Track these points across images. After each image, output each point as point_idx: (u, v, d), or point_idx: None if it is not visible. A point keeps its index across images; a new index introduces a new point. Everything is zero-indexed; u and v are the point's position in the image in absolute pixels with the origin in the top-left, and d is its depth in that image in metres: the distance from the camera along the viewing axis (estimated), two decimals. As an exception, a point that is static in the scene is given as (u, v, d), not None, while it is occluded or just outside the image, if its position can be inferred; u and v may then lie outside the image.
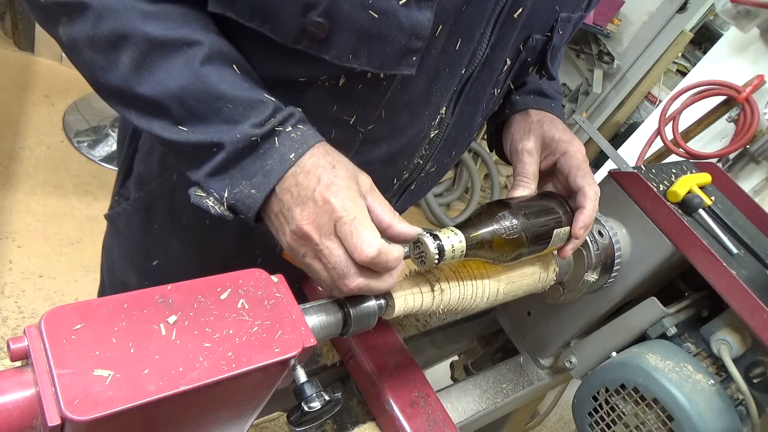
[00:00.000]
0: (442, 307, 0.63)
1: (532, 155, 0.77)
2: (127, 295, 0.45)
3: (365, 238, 0.52)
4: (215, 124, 0.54)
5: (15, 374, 0.41)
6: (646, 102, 3.61)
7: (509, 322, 1.03)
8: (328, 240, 0.54)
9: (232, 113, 0.54)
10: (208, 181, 0.57)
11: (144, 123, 0.56)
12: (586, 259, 0.78)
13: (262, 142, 0.55)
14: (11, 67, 2.69)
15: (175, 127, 0.55)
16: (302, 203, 0.54)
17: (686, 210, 0.83)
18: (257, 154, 0.55)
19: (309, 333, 0.51)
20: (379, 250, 0.52)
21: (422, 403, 0.76)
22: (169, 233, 0.81)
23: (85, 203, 2.32)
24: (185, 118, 0.55)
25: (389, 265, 0.54)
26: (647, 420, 0.72)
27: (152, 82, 0.53)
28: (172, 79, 0.53)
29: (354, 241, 0.52)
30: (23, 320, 1.87)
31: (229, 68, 0.56)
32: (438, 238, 0.57)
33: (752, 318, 0.72)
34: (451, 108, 0.71)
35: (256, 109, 0.55)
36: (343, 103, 0.63)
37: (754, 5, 1.41)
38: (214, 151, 0.55)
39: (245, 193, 0.55)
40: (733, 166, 1.49)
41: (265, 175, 0.55)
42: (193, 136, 0.55)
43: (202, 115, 0.54)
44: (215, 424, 0.52)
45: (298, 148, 0.55)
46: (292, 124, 0.57)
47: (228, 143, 0.54)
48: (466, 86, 0.69)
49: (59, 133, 2.54)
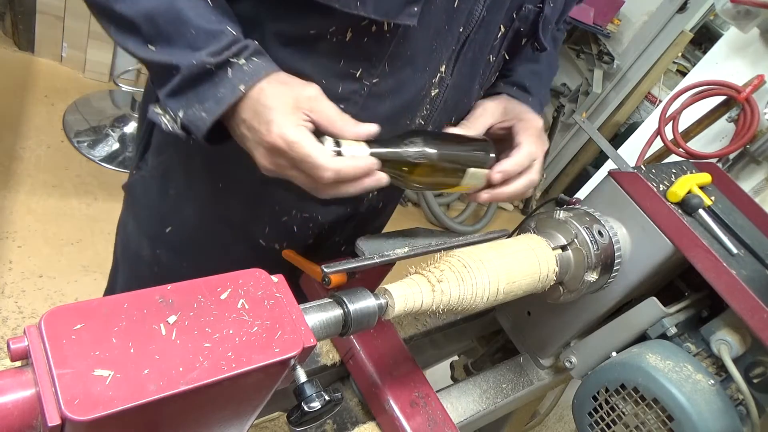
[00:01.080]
0: (442, 307, 0.63)
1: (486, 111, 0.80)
2: (127, 295, 0.45)
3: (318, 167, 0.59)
4: (179, 48, 0.60)
5: (15, 374, 0.41)
6: (646, 102, 3.61)
7: (509, 322, 1.03)
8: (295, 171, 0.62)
9: (194, 40, 0.60)
10: (167, 100, 0.63)
11: (120, 39, 0.63)
12: (586, 259, 0.78)
13: (216, 71, 0.61)
14: (11, 67, 2.69)
15: (145, 45, 0.61)
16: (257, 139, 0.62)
17: (686, 210, 0.83)
18: (212, 81, 0.61)
19: (309, 333, 0.51)
20: (335, 171, 0.59)
21: (422, 403, 0.76)
22: (183, 198, 0.86)
23: (85, 203, 2.32)
24: (154, 38, 0.61)
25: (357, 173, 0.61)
26: (647, 420, 0.72)
27: (128, 1, 0.59)
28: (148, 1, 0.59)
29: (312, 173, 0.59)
30: (23, 320, 1.87)
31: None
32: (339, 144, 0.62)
33: (752, 318, 0.72)
34: (450, 68, 0.75)
35: (215, 39, 0.61)
36: (349, 57, 0.68)
37: (754, 5, 1.41)
38: (173, 73, 0.61)
39: (197, 115, 0.62)
40: (733, 166, 1.49)
41: (217, 102, 0.61)
42: (157, 56, 0.61)
43: (168, 37, 0.60)
44: (215, 424, 0.52)
45: (248, 80, 0.61)
46: (246, 56, 0.62)
47: (184, 67, 0.60)
48: (464, 47, 0.74)
49: (59, 133, 2.54)
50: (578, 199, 1.02)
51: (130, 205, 0.96)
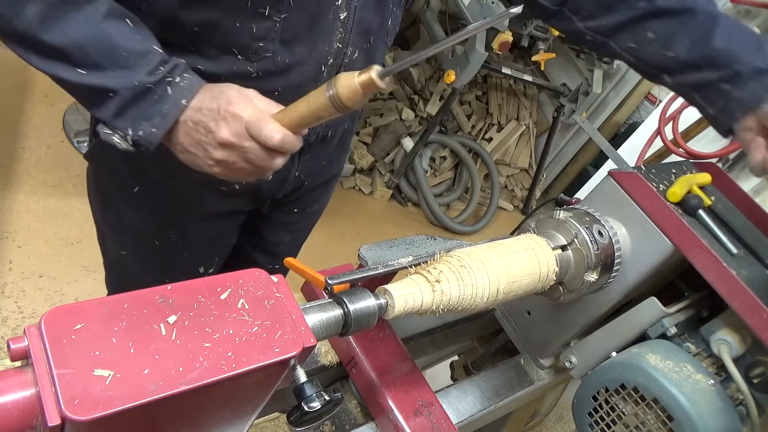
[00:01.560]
0: (442, 306, 0.63)
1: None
2: (127, 295, 0.45)
3: (270, 128, 0.68)
4: (112, 70, 0.66)
5: (15, 374, 0.41)
6: (646, 102, 3.61)
7: (509, 322, 1.03)
8: (247, 141, 0.70)
9: (126, 62, 0.66)
10: (114, 121, 0.69)
11: (45, 65, 0.67)
12: (586, 259, 0.78)
13: (155, 88, 0.68)
14: (11, 67, 2.69)
15: (75, 70, 0.66)
16: (215, 125, 0.69)
17: (686, 210, 0.83)
18: (152, 99, 0.68)
19: (309, 333, 0.51)
20: (283, 133, 0.69)
21: (426, 411, 0.76)
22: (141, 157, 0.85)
23: (85, 203, 2.30)
24: (85, 64, 0.66)
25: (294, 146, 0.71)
26: (647, 420, 0.72)
27: (56, 31, 0.64)
28: (77, 30, 0.64)
29: (264, 133, 0.68)
30: (23, 320, 1.87)
31: (124, 23, 0.68)
32: None
33: (752, 318, 0.72)
34: None
35: (146, 58, 0.68)
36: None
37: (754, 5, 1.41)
38: (110, 96, 0.67)
39: (147, 131, 0.69)
40: (733, 166, 1.49)
41: (163, 117, 0.69)
42: (91, 79, 0.66)
43: (100, 62, 0.66)
44: (215, 424, 0.52)
45: (187, 94, 0.70)
46: (179, 74, 0.70)
47: (123, 89, 0.67)
48: None
49: (59, 133, 2.54)
50: (578, 199, 1.02)
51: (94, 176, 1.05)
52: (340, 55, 0.85)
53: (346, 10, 0.80)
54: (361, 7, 0.81)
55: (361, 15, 0.82)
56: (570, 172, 3.92)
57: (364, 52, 0.88)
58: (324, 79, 0.85)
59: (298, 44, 0.80)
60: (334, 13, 0.79)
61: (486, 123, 3.61)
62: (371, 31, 0.86)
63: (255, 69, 0.80)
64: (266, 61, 0.79)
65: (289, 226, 1.24)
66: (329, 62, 0.85)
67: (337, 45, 0.83)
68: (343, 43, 0.83)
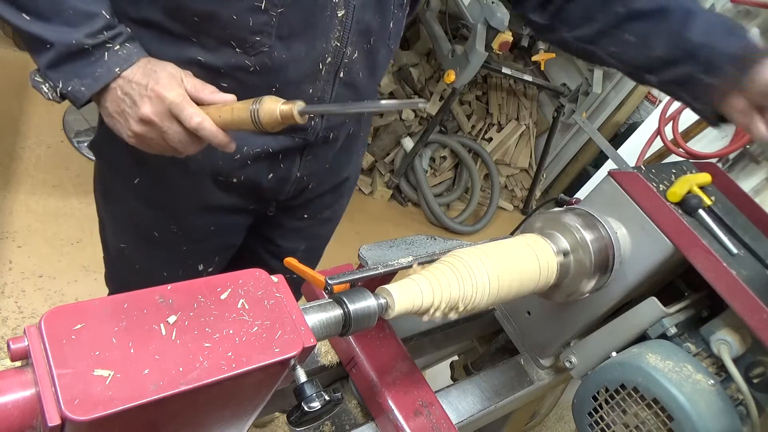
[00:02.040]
0: (442, 306, 0.63)
1: None
2: (127, 295, 0.45)
3: (191, 111, 0.71)
4: (55, 24, 0.69)
5: (15, 374, 0.41)
6: (646, 102, 3.61)
7: (509, 322, 1.03)
8: (169, 121, 0.72)
9: (70, 18, 0.69)
10: (47, 71, 0.72)
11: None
12: (586, 259, 0.78)
13: (93, 51, 0.71)
14: (11, 67, 2.69)
15: (21, 15, 0.68)
16: (140, 100, 0.72)
17: (686, 210, 0.83)
18: (89, 60, 0.71)
19: (309, 333, 0.51)
20: (202, 117, 0.71)
21: (426, 411, 0.76)
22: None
23: (85, 203, 2.32)
24: (31, 11, 0.68)
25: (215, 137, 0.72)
26: (647, 420, 0.72)
27: None
28: None
29: (185, 114, 0.71)
30: (23, 320, 1.87)
31: None
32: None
33: (752, 318, 0.72)
34: None
35: (91, 20, 0.70)
36: None
37: (754, 5, 1.41)
38: (47, 47, 0.69)
39: (76, 89, 0.72)
40: (733, 166, 1.49)
41: (95, 79, 0.72)
42: (33, 27, 0.69)
43: (45, 12, 0.68)
44: (215, 424, 0.52)
45: (123, 63, 0.72)
46: (120, 42, 0.73)
47: (59, 44, 0.69)
48: None
49: (59, 133, 2.54)
50: (578, 199, 1.02)
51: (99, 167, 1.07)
52: (339, 54, 0.85)
53: (344, 8, 0.80)
54: (360, 6, 0.81)
55: (360, 14, 0.82)
56: (570, 172, 3.92)
57: (364, 52, 0.88)
58: (323, 78, 0.86)
59: (295, 40, 0.80)
60: (332, 10, 0.79)
61: (486, 123, 3.61)
62: (371, 31, 0.86)
63: (252, 63, 0.81)
64: (263, 56, 0.80)
65: (302, 233, 1.23)
66: (327, 60, 0.85)
67: (335, 43, 0.83)
68: (341, 42, 0.83)
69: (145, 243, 1.06)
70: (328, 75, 0.87)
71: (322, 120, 0.93)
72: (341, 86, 0.90)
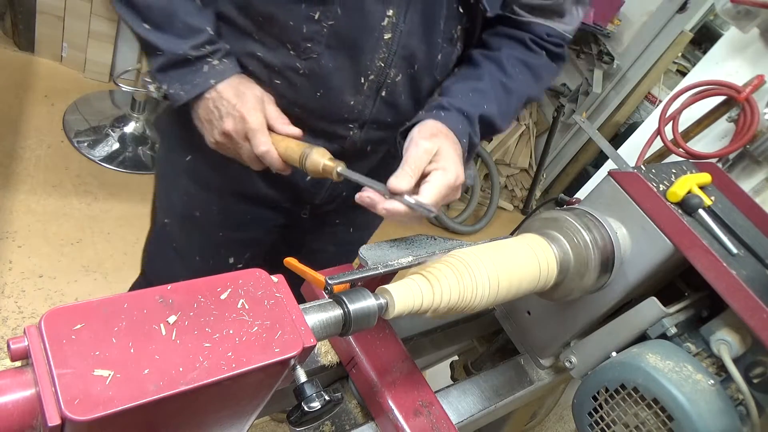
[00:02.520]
0: (442, 306, 0.63)
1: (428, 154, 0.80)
2: (127, 295, 0.45)
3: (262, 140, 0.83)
4: (168, 35, 0.81)
5: (15, 374, 0.41)
6: (646, 102, 3.61)
7: (509, 322, 1.03)
8: (243, 141, 0.84)
9: (180, 31, 0.81)
10: (157, 74, 0.84)
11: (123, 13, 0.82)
12: (586, 260, 0.78)
13: (195, 62, 0.82)
14: (11, 67, 2.69)
15: (142, 24, 0.81)
16: (226, 117, 0.83)
17: (686, 210, 0.83)
18: (191, 69, 0.83)
19: (309, 333, 0.51)
20: (268, 148, 0.83)
21: (426, 411, 0.76)
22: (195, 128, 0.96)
23: (85, 203, 2.32)
24: (151, 22, 0.81)
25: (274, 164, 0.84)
26: (647, 420, 0.72)
27: None
28: None
29: (256, 141, 0.83)
30: (23, 320, 1.87)
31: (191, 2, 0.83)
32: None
33: (752, 318, 0.72)
34: (401, 15, 0.84)
35: (196, 35, 0.82)
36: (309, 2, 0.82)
37: (754, 5, 1.40)
38: (159, 54, 0.82)
39: (177, 92, 0.84)
40: (733, 166, 1.49)
41: (193, 86, 0.83)
42: (151, 35, 0.81)
43: (161, 25, 0.81)
44: (215, 424, 0.52)
45: (218, 76, 0.83)
46: (219, 57, 0.84)
47: (168, 52, 0.81)
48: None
49: (59, 133, 2.54)
50: (578, 199, 1.02)
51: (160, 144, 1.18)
52: (382, 74, 0.90)
53: (391, 32, 0.85)
54: (406, 33, 0.86)
55: (406, 40, 0.87)
56: (570, 172, 3.92)
57: (407, 76, 0.92)
58: (364, 93, 0.92)
59: (342, 52, 0.86)
60: (379, 32, 0.85)
61: (486, 123, 3.60)
62: (415, 58, 0.90)
63: (302, 66, 0.88)
64: (312, 61, 0.87)
65: (333, 238, 1.26)
66: (370, 77, 0.90)
67: (379, 63, 0.88)
68: (385, 63, 0.88)
69: (186, 222, 1.14)
70: (369, 90, 0.92)
71: (361, 131, 0.97)
72: (382, 104, 0.94)
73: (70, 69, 2.83)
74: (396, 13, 0.84)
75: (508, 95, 0.93)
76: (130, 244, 2.27)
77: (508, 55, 0.95)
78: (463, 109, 0.87)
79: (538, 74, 0.99)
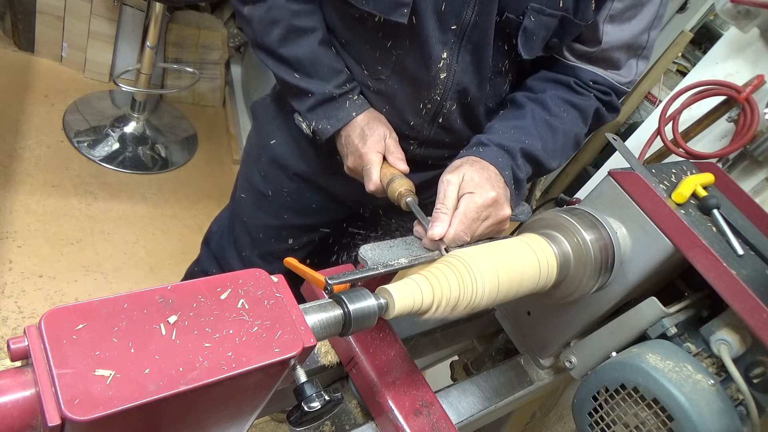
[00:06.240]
0: (441, 306, 0.63)
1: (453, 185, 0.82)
2: (127, 296, 0.45)
3: (373, 179, 0.94)
4: (315, 79, 0.97)
5: (15, 374, 0.41)
6: (646, 102, 3.60)
7: (509, 322, 1.03)
8: (360, 173, 0.98)
9: (326, 75, 0.97)
10: (307, 113, 0.99)
11: (275, 68, 0.99)
12: (586, 260, 0.78)
13: (338, 98, 0.98)
14: (11, 67, 2.69)
15: (293, 74, 0.97)
16: (349, 155, 0.99)
17: (702, 210, 0.83)
18: (335, 105, 0.98)
19: (309, 333, 0.51)
20: (375, 185, 0.94)
21: (426, 411, 0.76)
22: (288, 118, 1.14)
23: (85, 203, 2.32)
24: (300, 72, 0.97)
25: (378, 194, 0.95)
26: (647, 420, 0.72)
27: (288, 48, 0.96)
28: (301, 49, 0.96)
29: (367, 177, 0.95)
30: (23, 320, 1.87)
31: (330, 49, 0.99)
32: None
33: (752, 318, 0.72)
34: (454, 56, 0.93)
35: (338, 76, 0.98)
36: (383, 33, 0.94)
37: (754, 5, 1.40)
38: (308, 96, 0.97)
39: (324, 126, 0.99)
40: (733, 166, 1.49)
41: (338, 120, 0.98)
42: (302, 82, 0.97)
43: (309, 72, 0.97)
44: (215, 424, 0.52)
45: (358, 109, 0.99)
46: (356, 93, 1.00)
47: (317, 93, 0.97)
48: (463, 40, 0.91)
49: (59, 133, 2.54)
50: (578, 199, 1.02)
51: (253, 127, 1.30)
52: (439, 105, 1.00)
53: (446, 71, 0.95)
54: (460, 71, 0.95)
55: (460, 78, 0.96)
56: (570, 172, 3.92)
57: (461, 105, 1.01)
58: (423, 117, 1.03)
59: (405, 79, 0.98)
60: (436, 72, 0.94)
61: (486, 123, 3.60)
62: (468, 92, 0.99)
63: (372, 85, 1.01)
64: (380, 83, 1.00)
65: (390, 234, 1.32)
66: (428, 106, 1.00)
67: (436, 97, 0.98)
68: (441, 97, 0.98)
69: (258, 199, 1.26)
70: (427, 116, 1.02)
71: (420, 148, 1.09)
72: (439, 128, 1.04)
73: (70, 69, 2.83)
74: (450, 55, 0.93)
75: (554, 132, 0.96)
76: (130, 244, 2.27)
77: (552, 95, 0.99)
78: (503, 143, 0.90)
79: (585, 114, 1.01)
